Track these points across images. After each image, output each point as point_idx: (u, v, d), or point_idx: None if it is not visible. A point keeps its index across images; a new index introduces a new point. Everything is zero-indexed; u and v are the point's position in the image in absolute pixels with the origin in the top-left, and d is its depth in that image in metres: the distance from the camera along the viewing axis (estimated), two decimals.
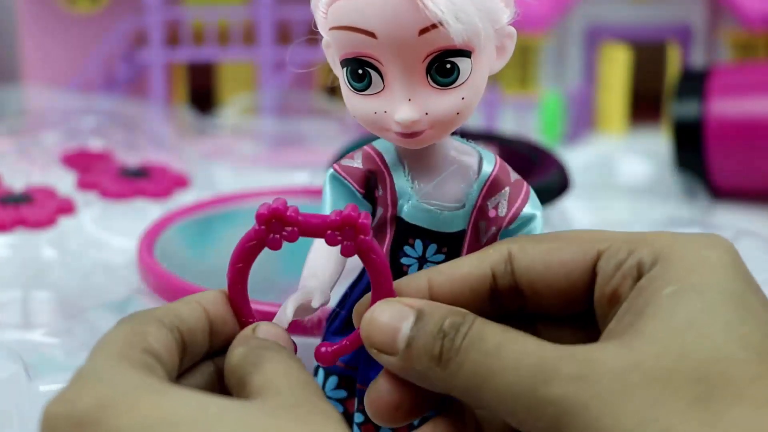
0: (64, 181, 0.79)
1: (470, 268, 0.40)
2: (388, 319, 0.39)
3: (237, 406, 0.34)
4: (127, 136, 0.94)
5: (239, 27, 1.10)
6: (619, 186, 0.96)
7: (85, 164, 0.85)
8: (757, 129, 0.91)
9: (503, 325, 0.38)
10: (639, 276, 0.38)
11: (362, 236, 0.39)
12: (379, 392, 0.40)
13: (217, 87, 1.16)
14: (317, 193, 0.73)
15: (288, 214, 0.39)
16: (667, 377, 0.34)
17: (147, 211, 0.76)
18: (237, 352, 0.38)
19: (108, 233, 0.73)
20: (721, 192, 0.94)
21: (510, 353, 0.36)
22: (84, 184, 0.79)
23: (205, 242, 0.69)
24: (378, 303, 0.40)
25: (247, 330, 0.41)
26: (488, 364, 0.36)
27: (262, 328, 0.40)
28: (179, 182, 0.80)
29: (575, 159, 1.05)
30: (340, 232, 0.39)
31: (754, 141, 0.91)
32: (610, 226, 0.78)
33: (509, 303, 0.41)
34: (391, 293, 0.41)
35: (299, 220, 0.39)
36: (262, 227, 0.40)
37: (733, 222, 0.71)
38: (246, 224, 0.70)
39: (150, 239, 0.63)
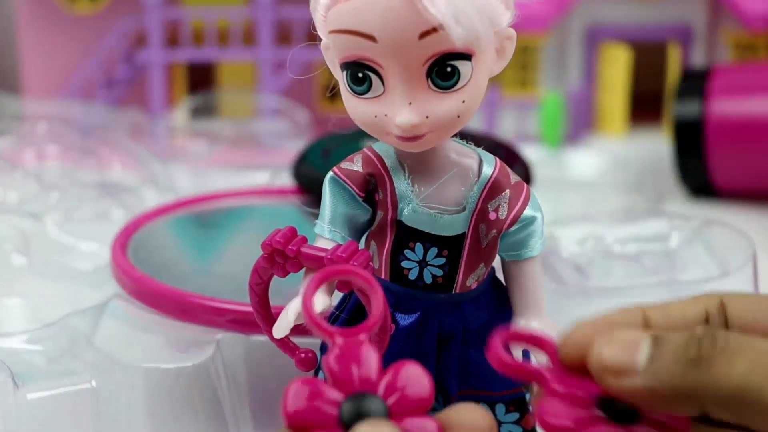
0: None
1: (685, 305, 0.39)
2: (623, 339, 0.36)
3: None
4: (82, 140, 0.93)
5: (239, 27, 1.09)
6: (618, 185, 0.95)
7: None
8: (757, 129, 0.91)
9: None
10: None
11: (351, 278, 0.39)
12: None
13: (217, 87, 1.16)
14: (278, 193, 0.72)
15: (288, 248, 0.41)
16: None
17: (110, 215, 0.76)
18: None
19: (74, 238, 0.72)
20: (721, 192, 0.94)
21: None
22: None
23: (178, 245, 0.68)
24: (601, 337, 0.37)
25: None
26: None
27: None
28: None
29: (576, 159, 1.05)
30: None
31: (755, 141, 0.91)
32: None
33: None
34: (388, 327, 0.41)
35: (298, 254, 0.41)
36: (266, 257, 0.41)
37: (734, 222, 0.71)
38: (215, 228, 0.69)
39: (122, 242, 0.62)
